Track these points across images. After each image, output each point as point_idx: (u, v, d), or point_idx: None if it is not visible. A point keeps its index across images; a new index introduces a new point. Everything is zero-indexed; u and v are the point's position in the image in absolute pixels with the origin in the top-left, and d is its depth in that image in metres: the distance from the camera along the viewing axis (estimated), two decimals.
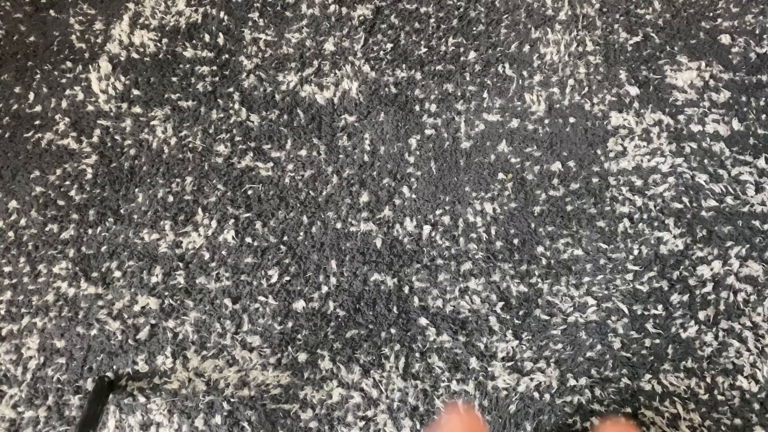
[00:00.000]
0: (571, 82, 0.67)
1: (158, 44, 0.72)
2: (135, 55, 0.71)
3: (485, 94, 0.67)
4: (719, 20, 0.70)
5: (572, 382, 0.54)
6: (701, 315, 0.56)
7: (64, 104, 0.69)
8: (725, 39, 0.68)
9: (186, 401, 0.54)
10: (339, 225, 0.60)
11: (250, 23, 0.72)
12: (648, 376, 0.54)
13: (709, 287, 0.57)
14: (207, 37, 0.72)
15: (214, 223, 0.62)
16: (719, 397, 0.53)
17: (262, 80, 0.69)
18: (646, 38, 0.69)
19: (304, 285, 0.58)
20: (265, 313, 0.57)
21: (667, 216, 0.60)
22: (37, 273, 0.61)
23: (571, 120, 0.65)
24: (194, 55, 0.71)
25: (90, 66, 0.71)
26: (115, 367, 0.56)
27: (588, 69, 0.68)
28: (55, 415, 0.55)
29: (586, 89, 0.67)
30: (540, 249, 0.59)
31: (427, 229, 0.60)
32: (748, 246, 0.58)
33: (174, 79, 0.69)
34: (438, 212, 0.61)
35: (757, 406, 0.53)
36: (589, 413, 0.53)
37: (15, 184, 0.65)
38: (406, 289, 0.58)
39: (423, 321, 0.56)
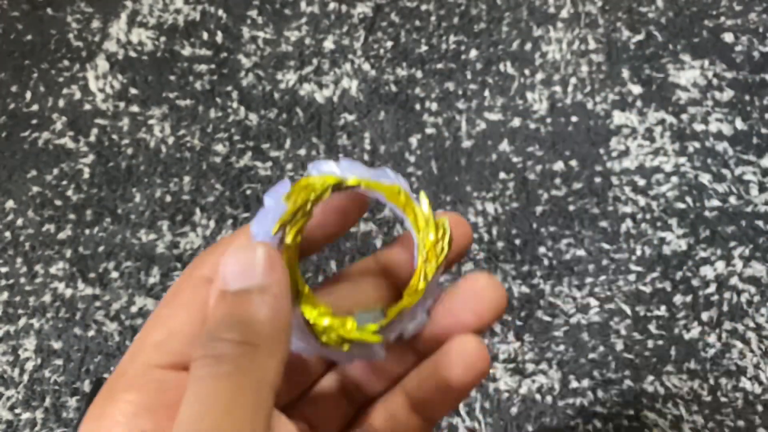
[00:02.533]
0: (573, 80, 0.67)
1: (156, 42, 0.71)
2: (132, 54, 0.71)
3: (486, 93, 0.66)
4: (722, 18, 0.69)
5: (574, 384, 0.54)
6: (704, 316, 0.56)
7: (61, 103, 0.68)
8: (728, 37, 0.68)
9: None
10: None
11: (248, 21, 0.72)
12: (651, 378, 0.54)
13: (712, 288, 0.57)
14: (205, 35, 0.71)
15: (212, 224, 0.62)
16: (722, 399, 0.53)
17: (260, 79, 0.69)
18: (648, 36, 0.69)
19: None
20: None
21: (670, 216, 0.60)
22: (34, 274, 0.60)
23: (574, 119, 0.65)
24: (192, 53, 0.70)
25: (87, 65, 0.70)
26: (112, 368, 0.56)
27: (590, 67, 0.67)
28: (53, 417, 0.55)
29: (589, 88, 0.66)
30: (542, 249, 0.59)
31: None
32: (751, 246, 0.58)
33: (172, 77, 0.69)
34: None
35: (760, 408, 0.53)
36: (592, 415, 0.53)
37: (11, 184, 0.64)
38: None
39: None
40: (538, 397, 0.54)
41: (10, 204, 0.64)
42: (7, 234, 0.62)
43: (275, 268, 0.17)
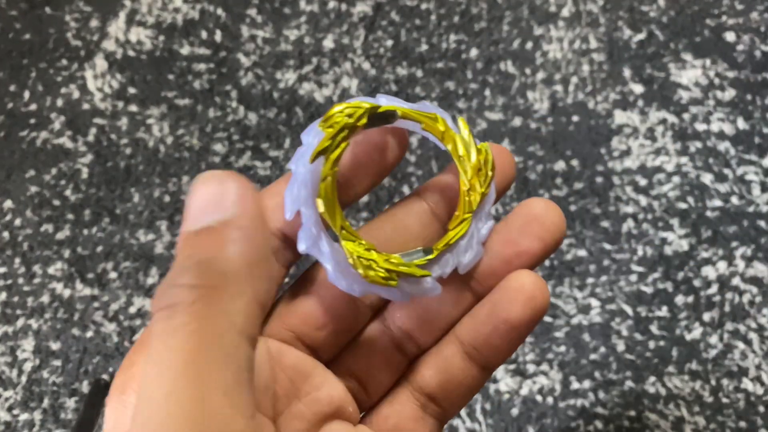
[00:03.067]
0: (574, 79, 0.66)
1: (155, 41, 0.71)
2: (131, 53, 0.70)
3: (487, 92, 0.66)
4: (724, 17, 0.69)
5: (575, 385, 0.54)
6: (706, 317, 0.55)
7: (59, 103, 0.68)
8: (730, 36, 0.68)
9: None
10: None
11: (247, 20, 0.72)
12: (652, 379, 0.54)
13: (714, 288, 0.56)
14: (204, 34, 0.71)
15: None
16: (724, 400, 0.53)
17: (260, 78, 0.68)
18: (650, 35, 0.68)
19: None
20: None
21: (672, 216, 0.59)
22: (32, 274, 0.60)
23: (575, 118, 0.64)
24: (191, 52, 0.70)
25: (86, 64, 0.70)
26: (111, 369, 0.56)
27: (591, 66, 0.67)
28: (51, 418, 0.55)
29: (590, 87, 0.66)
30: None
31: None
32: (753, 246, 0.58)
33: (170, 76, 0.69)
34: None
35: (762, 409, 0.52)
36: (593, 417, 0.53)
37: (10, 184, 0.64)
38: None
39: None
40: (539, 398, 0.53)
41: (8, 204, 0.63)
42: (6, 234, 0.62)
43: (245, 198, 0.15)
